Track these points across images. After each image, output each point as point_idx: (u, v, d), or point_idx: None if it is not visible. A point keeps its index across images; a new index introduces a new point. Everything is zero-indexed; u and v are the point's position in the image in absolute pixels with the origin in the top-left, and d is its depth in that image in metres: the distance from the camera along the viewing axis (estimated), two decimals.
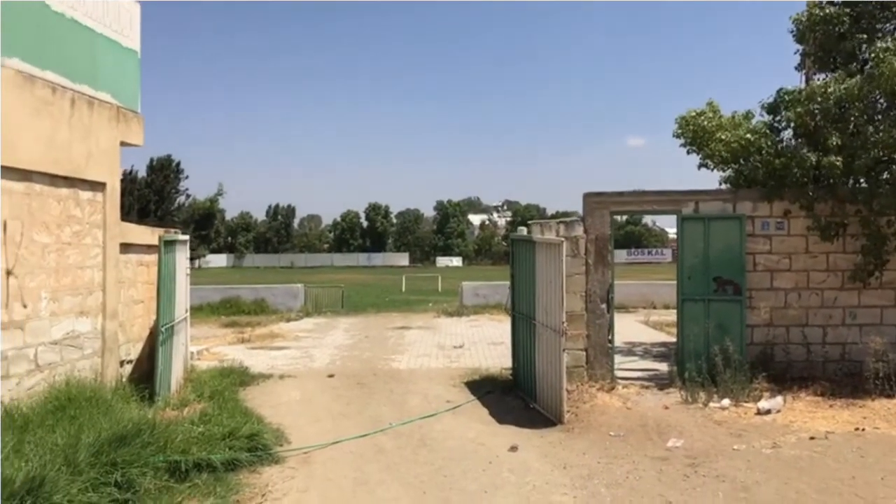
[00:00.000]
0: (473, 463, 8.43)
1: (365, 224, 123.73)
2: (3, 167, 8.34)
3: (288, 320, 23.64)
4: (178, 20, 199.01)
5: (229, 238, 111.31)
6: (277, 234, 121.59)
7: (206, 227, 77.33)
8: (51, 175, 9.30)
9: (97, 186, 10.38)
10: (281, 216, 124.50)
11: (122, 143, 11.03)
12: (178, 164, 61.16)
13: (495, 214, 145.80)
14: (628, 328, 19.76)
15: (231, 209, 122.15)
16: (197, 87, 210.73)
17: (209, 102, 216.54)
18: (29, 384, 8.80)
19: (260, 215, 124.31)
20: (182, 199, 64.81)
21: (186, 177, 61.79)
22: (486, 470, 8.18)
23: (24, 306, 8.79)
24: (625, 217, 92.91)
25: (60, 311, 9.51)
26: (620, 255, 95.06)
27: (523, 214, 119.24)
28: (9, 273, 8.51)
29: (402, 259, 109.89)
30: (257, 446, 8.37)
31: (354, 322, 23.60)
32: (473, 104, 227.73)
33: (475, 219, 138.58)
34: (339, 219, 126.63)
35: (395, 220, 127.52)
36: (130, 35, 11.25)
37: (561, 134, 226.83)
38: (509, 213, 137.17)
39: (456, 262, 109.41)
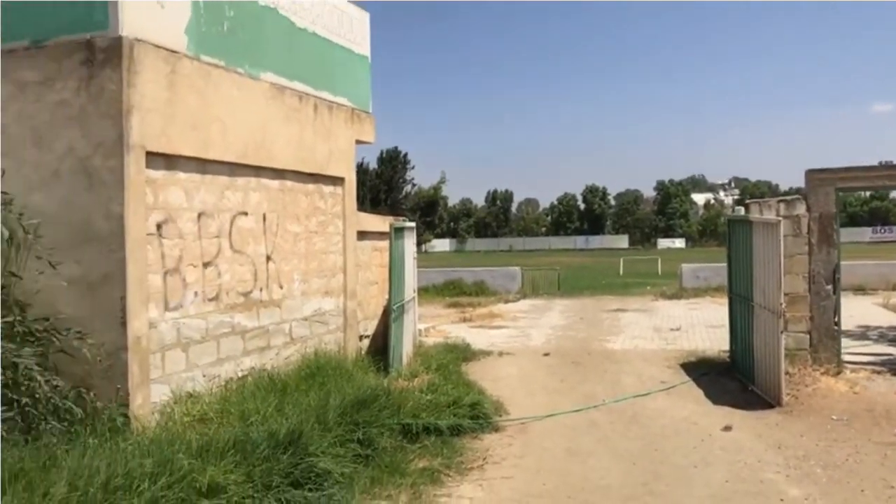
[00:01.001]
0: (685, 440, 8.65)
1: (582, 207, 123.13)
2: (262, 167, 9.72)
3: (506, 301, 24.57)
4: (398, 13, 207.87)
5: (452, 224, 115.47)
6: (496, 218, 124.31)
7: (430, 214, 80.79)
8: (299, 173, 10.62)
9: (337, 181, 11.66)
10: (499, 201, 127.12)
11: (357, 142, 12.26)
12: (405, 155, 64.66)
13: (721, 193, 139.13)
14: (864, 311, 18.56)
15: (453, 196, 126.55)
16: (421, 78, 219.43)
17: (432, 93, 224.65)
18: (285, 354, 10.18)
19: (480, 201, 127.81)
20: (409, 188, 68.50)
21: (413, 167, 65.09)
22: (697, 447, 8.37)
23: (281, 287, 10.17)
24: (869, 192, 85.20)
25: (309, 291, 10.86)
26: (865, 234, 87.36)
27: (752, 192, 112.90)
28: (268, 258, 9.90)
29: (621, 241, 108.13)
30: (478, 415, 9.14)
31: (570, 304, 24.04)
32: (697, 76, 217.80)
33: (699, 198, 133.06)
34: (556, 202, 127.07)
35: (613, 202, 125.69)
36: (362, 42, 12.43)
37: (796, 104, 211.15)
38: (737, 191, 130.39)
39: (678, 243, 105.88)
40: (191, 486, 5.88)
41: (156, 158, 7.87)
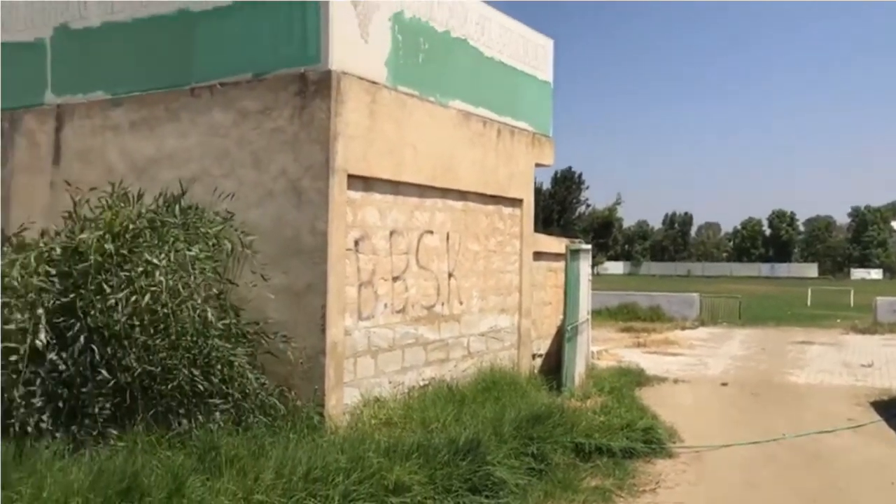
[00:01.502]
0: (872, 481, 8.25)
1: (767, 232, 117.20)
2: (447, 189, 10.29)
3: (683, 328, 23.99)
4: (573, 27, 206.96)
5: (626, 246, 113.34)
6: (674, 242, 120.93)
7: (604, 236, 79.56)
8: (480, 194, 11.12)
9: (516, 203, 12.07)
10: (678, 224, 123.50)
11: (536, 164, 12.63)
12: (580, 175, 64.24)
13: None
14: None
15: (628, 218, 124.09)
16: (597, 99, 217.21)
17: (609, 113, 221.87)
18: (463, 367, 10.65)
19: (656, 223, 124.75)
20: (582, 209, 68.03)
21: (587, 187, 64.54)
22: (886, 490, 7.97)
23: (460, 303, 10.68)
24: None
25: (486, 308, 11.30)
26: None
27: None
28: (450, 275, 10.44)
29: (810, 270, 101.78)
30: (651, 439, 9.16)
31: (751, 334, 23.12)
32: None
33: None
34: (738, 227, 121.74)
35: (801, 228, 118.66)
36: (545, 69, 12.82)
37: None
38: None
39: (874, 274, 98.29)
40: (379, 483, 6.41)
41: (355, 180, 8.60)
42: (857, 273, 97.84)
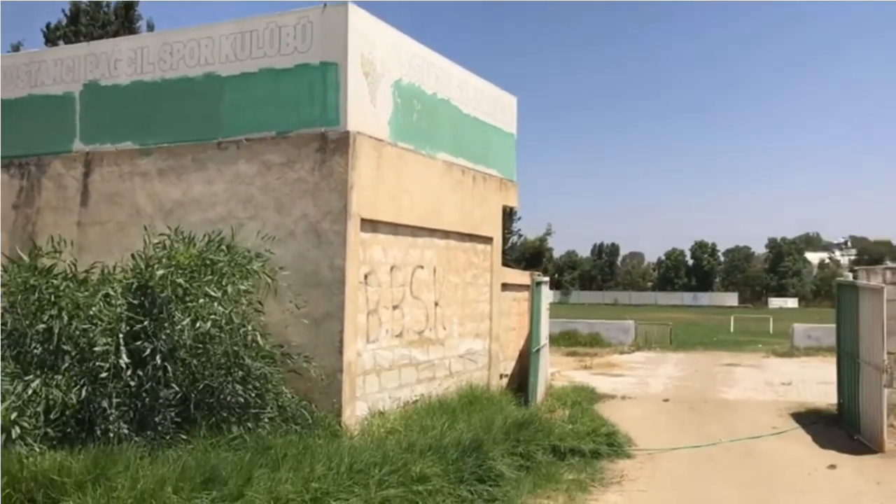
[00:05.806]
0: (794, 472, 10.07)
1: (690, 262, 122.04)
2: (434, 229, 11.84)
3: (621, 353, 26.01)
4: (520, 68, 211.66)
5: (556, 275, 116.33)
6: (602, 272, 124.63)
7: (535, 265, 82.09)
8: (460, 233, 12.71)
9: (487, 240, 13.70)
10: (605, 255, 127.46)
11: (504, 206, 14.30)
12: (512, 208, 66.63)
13: (837, 252, 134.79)
14: None
15: (558, 248, 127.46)
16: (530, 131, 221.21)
17: (540, 146, 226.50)
18: (445, 385, 12.14)
19: (585, 253, 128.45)
20: (514, 238, 70.36)
21: (518, 218, 66.85)
22: (804, 478, 9.79)
23: (444, 328, 12.19)
24: None
25: (464, 333, 12.84)
26: None
27: (871, 252, 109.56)
28: (436, 304, 11.95)
29: (731, 299, 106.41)
30: (613, 443, 10.82)
31: (683, 358, 25.23)
32: (814, 127, 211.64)
33: (813, 257, 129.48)
34: (663, 257, 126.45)
35: (722, 259, 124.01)
36: (510, 122, 14.59)
37: None
38: (853, 251, 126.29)
39: (791, 303, 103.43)
40: (406, 474, 7.81)
41: (365, 223, 10.06)
42: (775, 302, 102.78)
